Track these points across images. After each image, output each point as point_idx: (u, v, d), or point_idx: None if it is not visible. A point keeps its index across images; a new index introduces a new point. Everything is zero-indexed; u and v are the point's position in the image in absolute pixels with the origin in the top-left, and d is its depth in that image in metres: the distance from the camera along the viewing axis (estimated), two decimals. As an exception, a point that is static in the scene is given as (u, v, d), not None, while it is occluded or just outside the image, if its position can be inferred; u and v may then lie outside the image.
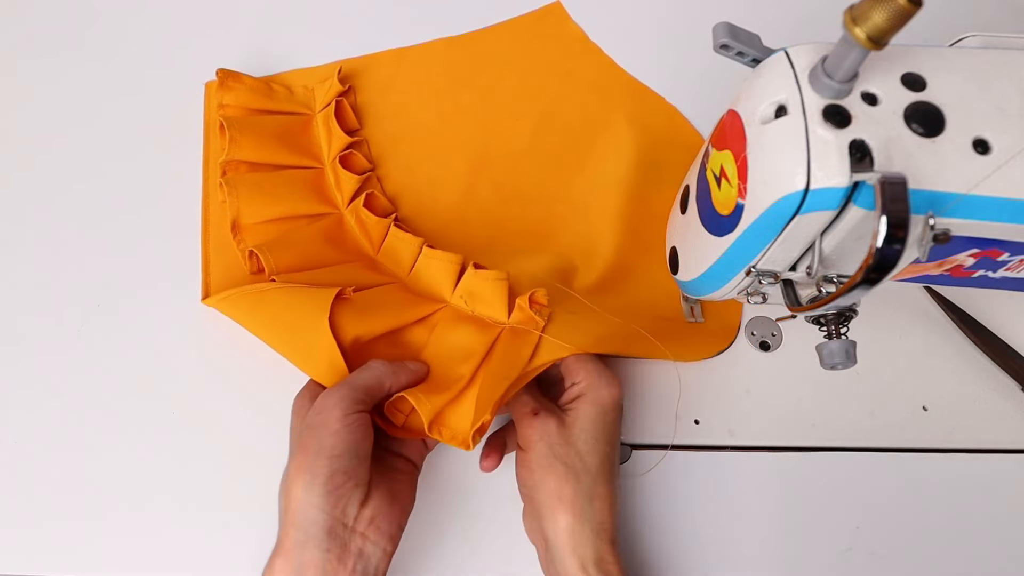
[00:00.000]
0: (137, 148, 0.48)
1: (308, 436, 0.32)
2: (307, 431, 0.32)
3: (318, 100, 0.49)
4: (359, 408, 0.33)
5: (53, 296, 0.43)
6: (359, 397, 0.34)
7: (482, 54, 0.53)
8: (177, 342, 0.42)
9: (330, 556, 0.30)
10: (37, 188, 0.46)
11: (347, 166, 0.46)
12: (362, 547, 0.32)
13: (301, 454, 0.32)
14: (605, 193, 0.48)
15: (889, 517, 0.42)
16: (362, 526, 0.32)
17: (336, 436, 0.32)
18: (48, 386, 0.41)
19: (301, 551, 0.30)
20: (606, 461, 0.35)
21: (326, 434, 0.32)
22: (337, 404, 0.33)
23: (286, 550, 0.31)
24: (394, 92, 0.51)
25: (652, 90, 0.53)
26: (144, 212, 0.46)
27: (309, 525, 0.31)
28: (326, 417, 0.32)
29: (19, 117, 0.48)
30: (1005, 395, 0.45)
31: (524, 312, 0.40)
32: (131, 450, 0.40)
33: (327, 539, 0.31)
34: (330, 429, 0.32)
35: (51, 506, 0.38)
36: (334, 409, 0.32)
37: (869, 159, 0.27)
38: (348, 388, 0.34)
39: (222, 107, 0.46)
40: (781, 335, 0.45)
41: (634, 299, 0.45)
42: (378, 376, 0.35)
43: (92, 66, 0.50)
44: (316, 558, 0.30)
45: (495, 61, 0.53)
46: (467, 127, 0.50)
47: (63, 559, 0.37)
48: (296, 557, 0.30)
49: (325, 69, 0.51)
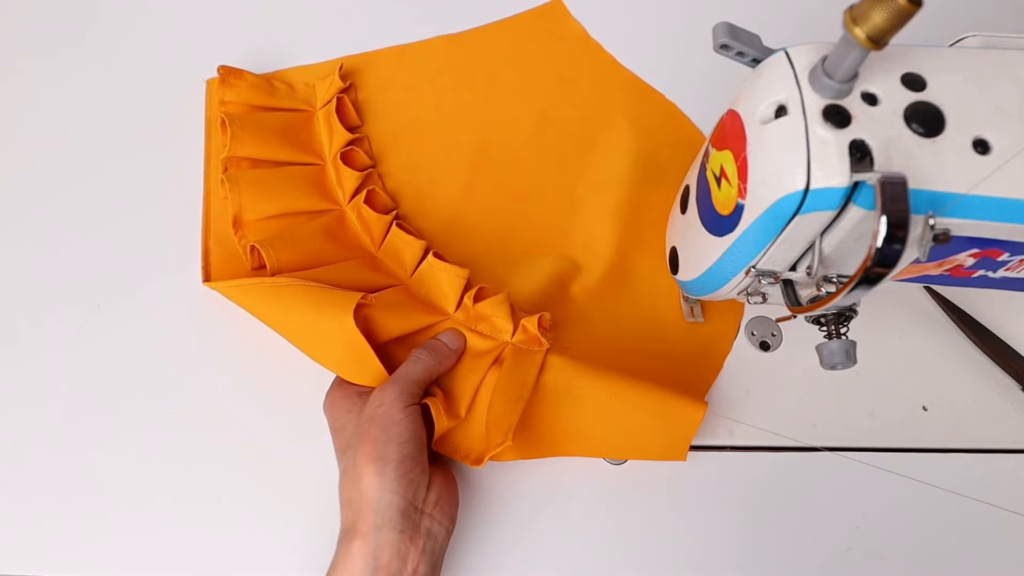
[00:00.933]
0: (137, 147, 0.48)
1: (372, 427, 0.34)
2: (369, 422, 0.35)
3: (319, 97, 0.49)
4: (415, 400, 0.36)
5: (53, 296, 0.43)
6: (414, 391, 0.36)
7: (482, 51, 0.53)
8: (177, 342, 0.42)
9: (403, 537, 0.33)
10: (36, 187, 0.46)
11: (348, 162, 0.46)
12: (430, 527, 0.34)
13: (368, 444, 0.34)
14: (605, 190, 0.48)
15: (889, 517, 0.42)
16: (429, 508, 0.35)
17: (400, 425, 0.34)
18: (48, 386, 0.41)
19: (377, 533, 0.33)
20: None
21: (390, 424, 0.34)
22: (398, 397, 0.35)
23: (363, 534, 0.33)
24: (395, 89, 0.51)
25: (652, 87, 0.53)
26: (144, 211, 0.46)
27: (386, 508, 0.33)
28: (388, 409, 0.35)
29: (18, 116, 0.48)
30: (1005, 395, 0.45)
31: (529, 333, 0.40)
32: (131, 450, 0.40)
33: (402, 521, 0.33)
34: (394, 419, 0.34)
35: (51, 506, 0.38)
36: (396, 402, 0.35)
37: (869, 159, 0.27)
38: (405, 382, 0.36)
39: (223, 104, 0.46)
40: (781, 335, 0.45)
41: (633, 302, 0.45)
42: (428, 368, 0.38)
43: (92, 65, 0.50)
44: (392, 539, 0.33)
45: (495, 58, 0.53)
46: (468, 124, 0.50)
47: (63, 559, 0.37)
48: (373, 539, 0.32)
49: (326, 66, 0.51)
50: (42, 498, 0.39)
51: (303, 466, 0.40)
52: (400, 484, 0.33)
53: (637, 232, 0.47)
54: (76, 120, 0.48)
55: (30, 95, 0.49)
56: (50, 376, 0.41)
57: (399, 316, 0.40)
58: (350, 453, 0.35)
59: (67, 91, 0.49)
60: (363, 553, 0.32)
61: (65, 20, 0.52)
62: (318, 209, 0.45)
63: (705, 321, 0.45)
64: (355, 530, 0.33)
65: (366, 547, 0.32)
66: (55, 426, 0.40)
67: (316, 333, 0.39)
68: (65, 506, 0.38)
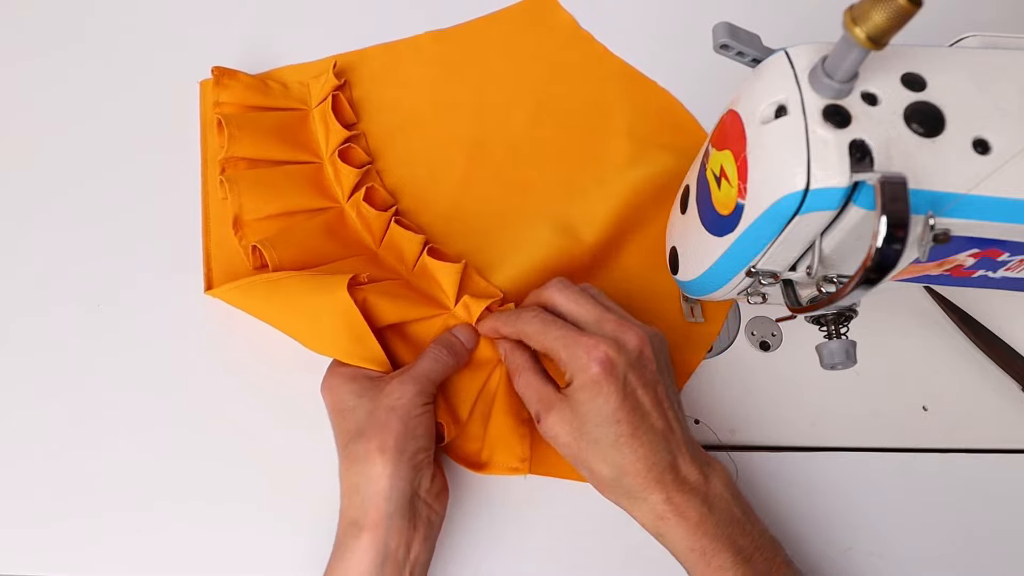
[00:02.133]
0: (132, 146, 0.47)
1: (392, 418, 0.35)
2: (389, 413, 0.35)
3: (314, 95, 0.49)
4: (431, 399, 0.37)
5: (53, 295, 0.43)
6: (431, 390, 0.37)
7: (472, 46, 0.53)
8: (177, 341, 0.42)
9: (407, 524, 0.34)
10: (33, 187, 0.46)
11: (346, 160, 0.46)
12: (429, 515, 0.35)
13: (387, 434, 0.34)
14: (604, 178, 0.48)
15: (889, 517, 0.42)
16: (431, 498, 0.35)
17: (418, 420, 0.35)
18: (48, 385, 0.41)
19: (389, 521, 0.33)
20: (620, 436, 0.34)
21: (410, 417, 0.35)
22: (419, 393, 0.36)
23: (374, 523, 0.33)
24: (388, 86, 0.51)
25: (644, 75, 0.53)
26: (142, 210, 0.45)
27: (398, 497, 0.34)
28: (408, 403, 0.35)
29: (14, 116, 0.48)
30: (1005, 395, 0.45)
31: (470, 311, 0.41)
32: (132, 449, 0.40)
33: (409, 508, 0.34)
34: (413, 413, 0.35)
35: (51, 506, 0.38)
36: (416, 397, 0.36)
37: (869, 159, 0.27)
38: (425, 381, 0.37)
39: (218, 105, 0.46)
40: (781, 335, 0.45)
41: (632, 301, 0.45)
42: (446, 368, 0.38)
43: (88, 65, 0.50)
44: (401, 526, 0.33)
45: (486, 52, 0.53)
46: (463, 119, 0.50)
47: (63, 559, 0.37)
48: (384, 528, 0.33)
49: (319, 64, 0.51)
50: (43, 498, 0.39)
51: (303, 465, 0.39)
52: (413, 474, 0.34)
53: (637, 222, 0.47)
54: (69, 119, 0.48)
55: (24, 95, 0.49)
56: (50, 375, 0.41)
57: (397, 304, 0.40)
58: (362, 441, 0.35)
59: (60, 91, 0.49)
60: (375, 544, 0.33)
61: (58, 20, 0.52)
62: (317, 207, 0.45)
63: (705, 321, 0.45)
64: (364, 521, 0.33)
65: (377, 537, 0.33)
66: (55, 426, 0.40)
67: (313, 317, 0.39)
68: (65, 506, 0.38)
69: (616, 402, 0.34)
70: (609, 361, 0.34)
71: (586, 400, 0.34)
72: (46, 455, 0.39)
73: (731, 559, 0.33)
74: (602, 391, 0.34)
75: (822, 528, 0.41)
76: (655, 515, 0.34)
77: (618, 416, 0.34)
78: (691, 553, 0.34)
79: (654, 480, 0.34)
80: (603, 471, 0.34)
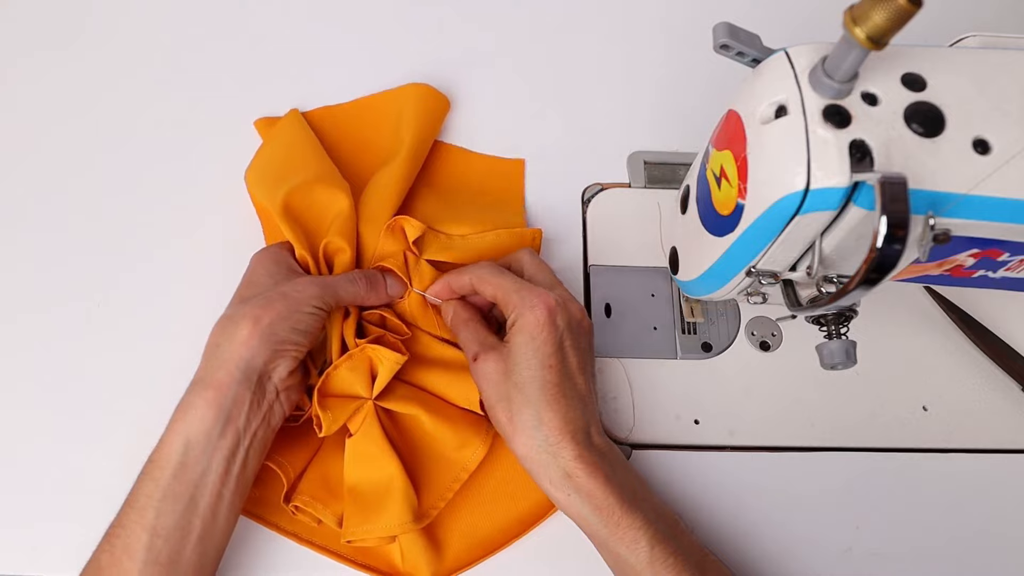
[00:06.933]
0: (132, 146, 0.48)
1: (279, 301, 0.36)
2: (282, 297, 0.36)
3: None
4: (328, 307, 0.38)
5: (53, 295, 0.43)
6: (330, 301, 0.38)
7: (349, 124, 0.50)
8: (177, 341, 0.42)
9: (252, 397, 0.34)
10: (37, 182, 0.46)
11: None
12: (273, 404, 0.36)
13: (267, 311, 0.35)
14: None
15: (889, 517, 0.42)
16: (281, 387, 0.36)
17: (303, 316, 0.36)
18: (49, 384, 0.41)
19: (236, 387, 0.34)
20: (546, 384, 0.35)
21: (297, 308, 0.36)
22: (317, 296, 0.37)
23: (221, 383, 0.34)
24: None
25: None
26: (142, 210, 0.46)
27: (249, 369, 0.34)
28: (302, 296, 0.36)
29: (17, 113, 0.48)
30: (1005, 395, 0.45)
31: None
32: (132, 449, 0.39)
33: (257, 385, 0.35)
34: (302, 308, 0.36)
35: (51, 506, 0.38)
36: (313, 298, 0.37)
37: (869, 159, 0.27)
38: (331, 290, 0.38)
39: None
40: (781, 335, 0.45)
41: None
42: (355, 295, 0.39)
43: (87, 62, 0.50)
44: (245, 396, 0.34)
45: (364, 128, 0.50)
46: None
47: (63, 559, 0.37)
48: (229, 391, 0.34)
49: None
50: (42, 498, 0.39)
51: (303, 466, 0.39)
52: (272, 356, 0.35)
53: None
54: (68, 116, 0.48)
55: (26, 91, 0.49)
56: (51, 374, 0.41)
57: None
58: (244, 307, 0.36)
59: (60, 86, 0.49)
60: (218, 402, 0.34)
61: (54, 20, 0.52)
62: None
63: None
64: (211, 381, 0.34)
65: (222, 397, 0.34)
66: (55, 425, 0.40)
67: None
68: (65, 506, 0.38)
69: (551, 348, 0.35)
70: (554, 311, 0.36)
71: (524, 342, 0.35)
72: (45, 455, 0.39)
73: (640, 519, 0.34)
74: (541, 333, 0.35)
75: (822, 528, 0.41)
76: (564, 473, 0.34)
77: (550, 362, 0.35)
78: (598, 513, 0.34)
79: (569, 436, 0.35)
80: (524, 415, 0.35)
